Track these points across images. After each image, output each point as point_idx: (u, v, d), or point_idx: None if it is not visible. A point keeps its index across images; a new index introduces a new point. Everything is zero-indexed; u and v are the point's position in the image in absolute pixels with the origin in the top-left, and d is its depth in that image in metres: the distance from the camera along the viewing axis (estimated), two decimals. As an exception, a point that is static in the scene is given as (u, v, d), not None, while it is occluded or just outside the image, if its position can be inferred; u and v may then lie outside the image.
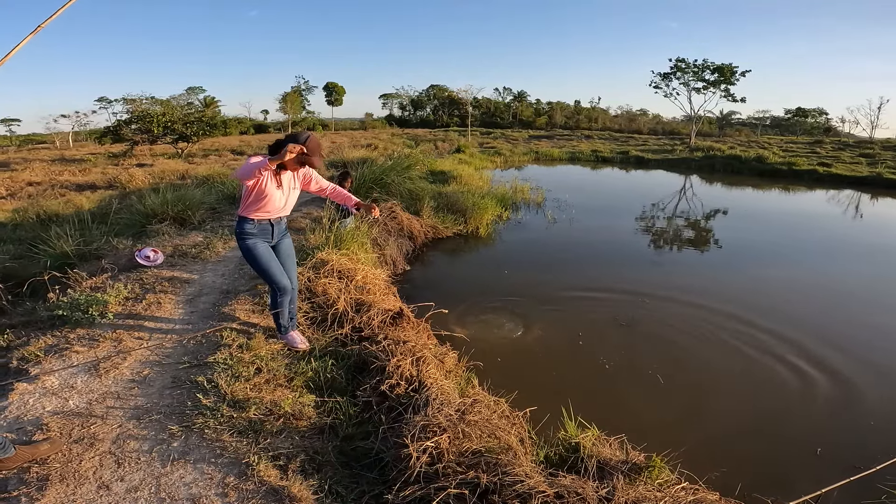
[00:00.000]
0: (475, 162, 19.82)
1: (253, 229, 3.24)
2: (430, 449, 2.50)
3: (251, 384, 3.00)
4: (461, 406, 2.84)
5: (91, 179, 13.77)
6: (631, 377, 4.46)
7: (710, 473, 2.98)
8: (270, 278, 3.34)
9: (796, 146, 29.71)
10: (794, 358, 4.80)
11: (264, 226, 3.29)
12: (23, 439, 2.44)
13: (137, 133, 21.63)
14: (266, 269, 3.30)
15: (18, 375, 3.03)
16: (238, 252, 5.67)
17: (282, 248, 3.47)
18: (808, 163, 21.41)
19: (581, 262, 7.71)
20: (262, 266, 3.30)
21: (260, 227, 3.27)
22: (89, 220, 7.46)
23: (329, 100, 63.53)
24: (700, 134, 36.84)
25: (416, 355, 3.44)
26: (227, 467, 2.36)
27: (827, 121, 52.51)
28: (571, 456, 2.82)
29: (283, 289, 3.38)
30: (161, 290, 4.38)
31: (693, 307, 5.95)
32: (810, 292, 6.68)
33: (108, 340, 3.45)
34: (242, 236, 3.24)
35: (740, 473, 3.22)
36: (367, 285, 4.68)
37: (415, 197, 9.47)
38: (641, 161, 25.43)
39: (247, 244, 3.24)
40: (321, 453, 2.61)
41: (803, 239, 9.92)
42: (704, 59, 32.78)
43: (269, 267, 3.31)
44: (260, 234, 3.28)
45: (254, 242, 3.25)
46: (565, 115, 64.42)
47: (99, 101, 52.07)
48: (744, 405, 4.14)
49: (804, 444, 3.64)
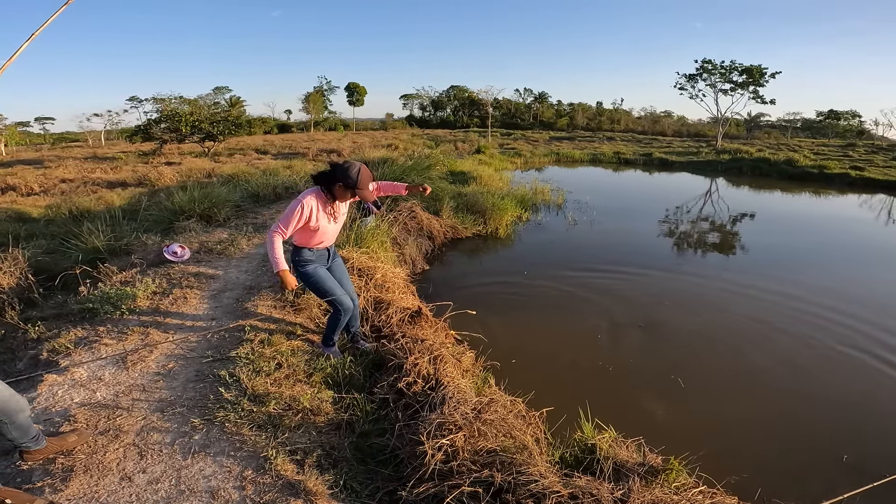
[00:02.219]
0: (495, 163, 19.75)
1: (311, 256, 3.25)
2: (445, 446, 2.52)
3: (271, 379, 3.06)
4: (477, 405, 2.85)
5: (122, 177, 14.17)
6: (649, 379, 4.39)
7: (728, 477, 2.93)
8: (335, 300, 3.35)
9: (828, 149, 28.83)
10: (819, 363, 4.67)
11: (321, 252, 3.32)
12: (50, 430, 2.53)
13: (166, 132, 22.21)
14: (330, 292, 3.32)
15: (48, 367, 3.15)
16: (262, 249, 5.79)
17: (336, 267, 3.48)
18: (839, 166, 20.75)
19: (601, 265, 7.61)
20: (325, 290, 3.31)
21: (317, 253, 3.30)
22: (120, 216, 7.69)
23: (350, 100, 64.09)
24: (727, 136, 36.03)
25: (433, 354, 3.45)
26: (246, 461, 2.41)
27: (860, 123, 50.76)
28: (587, 457, 2.80)
29: (347, 309, 3.40)
30: (187, 286, 4.49)
31: (713, 310, 5.84)
32: (841, 296, 6.47)
33: (136, 334, 3.55)
34: (301, 264, 3.24)
35: (760, 478, 3.15)
36: (386, 283, 4.72)
37: (435, 197, 9.48)
38: (666, 163, 24.97)
39: (306, 270, 3.24)
40: (337, 449, 2.64)
41: (836, 244, 9.62)
42: (732, 61, 32.09)
43: (333, 290, 3.33)
44: (318, 259, 3.30)
45: (314, 268, 3.26)
46: (587, 116, 63.72)
47: (130, 101, 53.55)
48: (765, 409, 4.05)
49: (828, 450, 3.55)
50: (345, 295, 3.41)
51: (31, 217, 9.55)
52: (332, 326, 3.50)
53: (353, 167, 2.95)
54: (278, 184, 10.31)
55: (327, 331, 3.55)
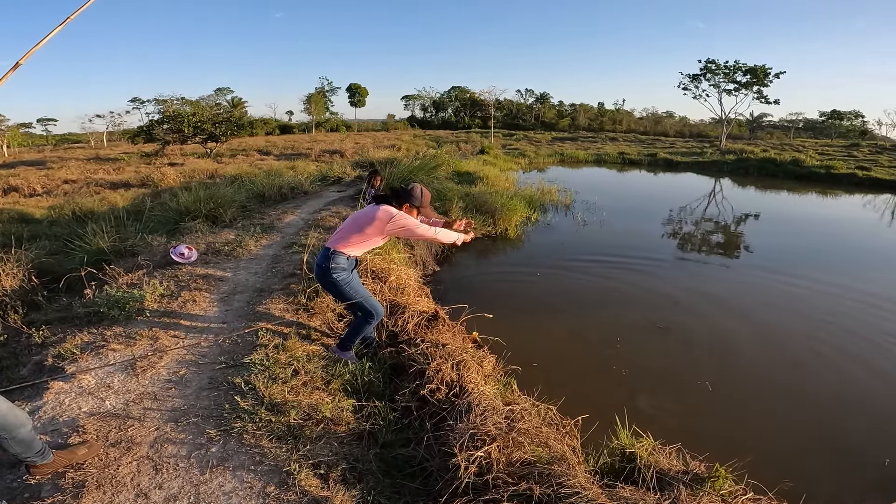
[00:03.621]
0: (500, 163, 19.62)
1: (345, 263, 3.23)
2: (479, 458, 2.37)
3: (289, 386, 2.91)
4: (510, 414, 2.69)
5: (125, 178, 14.05)
6: (675, 382, 4.24)
7: (781, 483, 2.78)
8: (371, 306, 3.34)
9: (832, 149, 28.67)
10: (862, 364, 4.53)
11: (352, 261, 3.31)
12: (58, 442, 2.38)
13: (169, 133, 22.11)
14: (366, 297, 3.34)
15: (54, 373, 2.99)
16: (270, 251, 5.64)
17: (356, 277, 3.48)
18: (846, 166, 20.60)
19: (614, 266, 7.46)
20: (362, 295, 3.32)
21: (350, 262, 3.27)
22: (124, 217, 7.55)
23: (352, 101, 64.05)
24: (730, 137, 35.85)
25: (455, 359, 3.31)
26: (268, 475, 2.25)
27: (863, 123, 50.65)
28: (626, 466, 2.66)
29: (380, 314, 3.40)
30: (196, 288, 4.34)
31: (736, 307, 5.70)
32: (870, 299, 6.32)
33: (145, 338, 3.40)
34: (336, 270, 3.19)
35: (810, 484, 3.03)
36: (401, 286, 4.57)
37: (443, 197, 9.33)
38: (670, 164, 24.82)
39: (342, 277, 3.20)
40: (362, 461, 2.49)
41: (851, 245, 9.47)
42: (736, 61, 31.97)
43: (368, 296, 3.37)
44: (349, 267, 3.27)
45: (347, 276, 3.24)
46: (588, 116, 63.64)
47: (132, 102, 53.61)
48: (811, 411, 3.93)
49: (869, 454, 3.43)
50: (377, 302, 3.41)
51: (34, 218, 9.42)
52: (355, 331, 3.42)
53: (416, 188, 3.24)
54: (284, 184, 10.17)
55: (348, 335, 3.44)
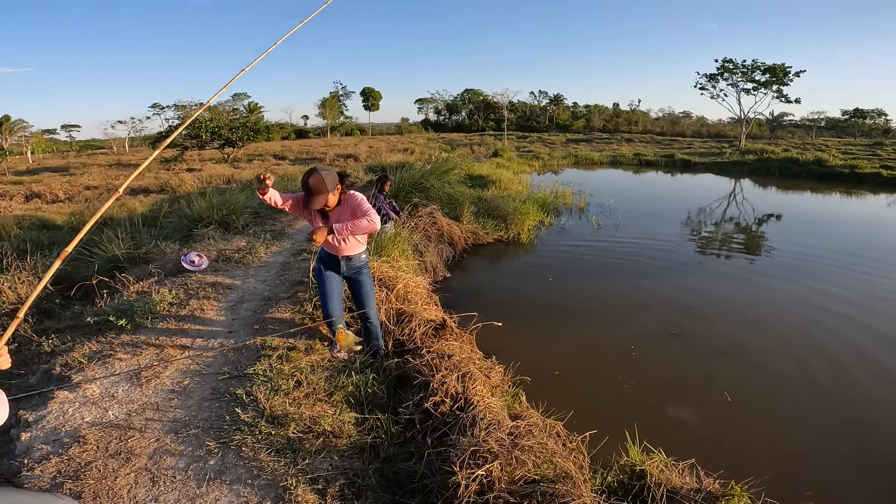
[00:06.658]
0: (513, 166, 19.51)
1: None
2: (479, 477, 2.30)
3: (290, 398, 2.88)
4: (513, 429, 2.62)
5: (144, 184, 14.30)
6: (690, 393, 4.11)
7: (798, 503, 2.66)
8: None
9: (855, 148, 27.94)
10: (879, 373, 4.35)
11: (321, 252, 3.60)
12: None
13: (187, 139, 22.46)
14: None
15: (60, 382, 3.02)
16: (280, 257, 5.67)
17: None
18: (870, 166, 20.02)
19: (629, 271, 7.32)
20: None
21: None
22: (140, 223, 7.66)
23: (366, 105, 64.41)
24: (749, 136, 35.15)
25: (461, 371, 3.24)
26: (264, 490, 2.22)
27: (886, 122, 49.18)
28: (636, 484, 2.56)
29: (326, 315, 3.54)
30: (204, 296, 4.36)
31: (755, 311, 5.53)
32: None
33: (151, 348, 3.41)
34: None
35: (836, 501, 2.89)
36: (408, 294, 4.52)
37: (454, 202, 9.28)
38: (688, 165, 24.43)
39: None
40: (361, 476, 2.45)
41: (883, 247, 9.15)
42: (754, 60, 31.40)
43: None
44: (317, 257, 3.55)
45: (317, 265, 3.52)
46: (603, 118, 62.94)
47: (153, 108, 54.70)
48: (828, 425, 3.77)
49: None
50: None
51: (55, 224, 9.64)
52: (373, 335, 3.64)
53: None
54: (297, 189, 10.21)
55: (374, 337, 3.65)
